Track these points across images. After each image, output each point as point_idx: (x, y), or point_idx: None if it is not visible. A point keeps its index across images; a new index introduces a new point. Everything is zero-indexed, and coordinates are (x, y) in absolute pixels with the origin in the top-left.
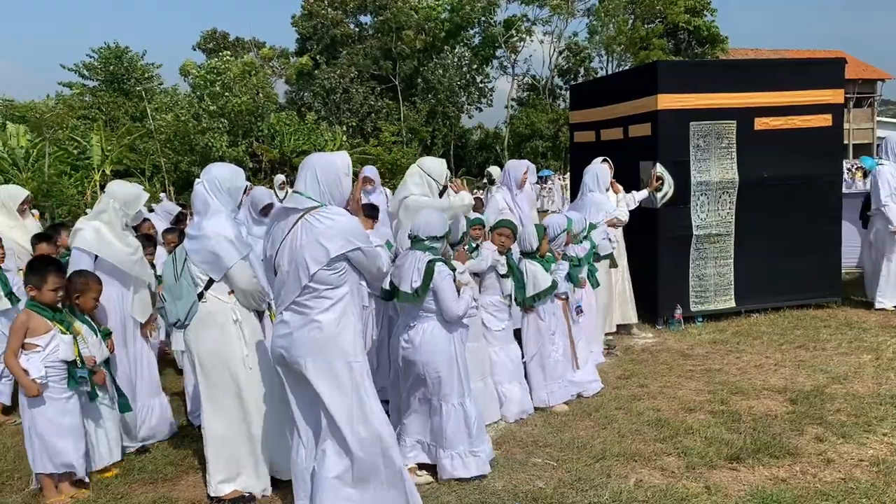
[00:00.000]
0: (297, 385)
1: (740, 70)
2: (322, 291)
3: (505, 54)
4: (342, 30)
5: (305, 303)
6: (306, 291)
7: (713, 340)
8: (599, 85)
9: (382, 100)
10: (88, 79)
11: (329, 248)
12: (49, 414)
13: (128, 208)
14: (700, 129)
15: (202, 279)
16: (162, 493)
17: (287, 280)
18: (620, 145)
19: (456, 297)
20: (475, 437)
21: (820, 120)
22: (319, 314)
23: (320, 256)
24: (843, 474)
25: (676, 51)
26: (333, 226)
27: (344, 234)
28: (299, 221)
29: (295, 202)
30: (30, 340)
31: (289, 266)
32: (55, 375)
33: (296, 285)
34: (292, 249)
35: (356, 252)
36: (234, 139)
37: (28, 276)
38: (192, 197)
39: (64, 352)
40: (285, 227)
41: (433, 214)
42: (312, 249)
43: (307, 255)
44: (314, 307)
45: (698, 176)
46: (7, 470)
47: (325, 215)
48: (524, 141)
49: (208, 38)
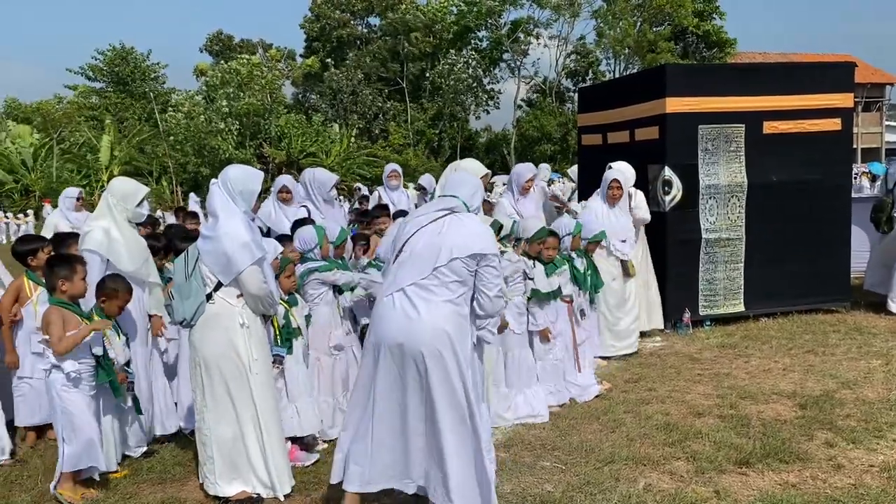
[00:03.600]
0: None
1: (749, 73)
2: (448, 283)
3: (512, 57)
4: (349, 31)
5: (430, 287)
6: (434, 275)
7: (722, 344)
8: (608, 88)
9: (390, 102)
10: (94, 80)
11: (473, 246)
12: (82, 411)
13: (126, 202)
14: (708, 132)
15: (212, 280)
16: (170, 493)
17: (414, 261)
18: (627, 149)
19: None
20: None
21: (829, 124)
22: (444, 302)
23: (465, 249)
24: (854, 480)
25: (684, 54)
26: (482, 231)
27: (488, 241)
28: (448, 217)
29: (445, 203)
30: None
31: (424, 249)
32: (86, 372)
33: (427, 265)
34: (433, 235)
35: (487, 262)
36: (242, 140)
37: (55, 271)
38: (207, 198)
39: (95, 345)
40: (428, 218)
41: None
42: (457, 240)
43: (450, 244)
44: (438, 294)
45: (707, 179)
46: (16, 469)
47: (473, 220)
48: (532, 144)
49: (214, 40)
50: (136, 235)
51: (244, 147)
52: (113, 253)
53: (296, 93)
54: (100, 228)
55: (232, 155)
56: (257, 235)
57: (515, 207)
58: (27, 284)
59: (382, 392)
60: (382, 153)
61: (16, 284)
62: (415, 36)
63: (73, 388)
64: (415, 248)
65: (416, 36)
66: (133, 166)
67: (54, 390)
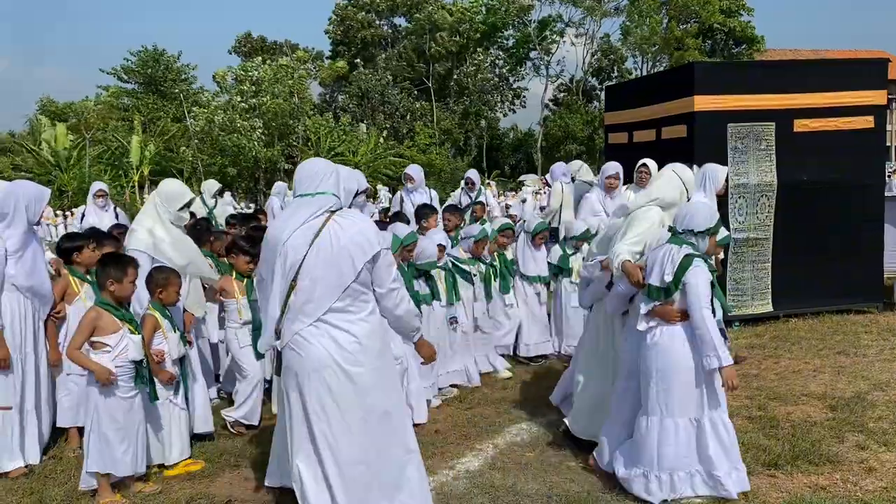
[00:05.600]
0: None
1: (779, 71)
2: (360, 294)
3: (539, 55)
4: (374, 31)
5: (348, 308)
6: (347, 293)
7: (750, 345)
8: (635, 86)
9: (418, 101)
10: (127, 82)
11: (370, 248)
12: (115, 413)
13: (168, 204)
14: (738, 130)
15: None
16: (199, 489)
17: (321, 288)
18: (654, 147)
19: (708, 301)
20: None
21: (861, 122)
22: (367, 316)
23: (365, 254)
24: (886, 483)
25: (712, 51)
26: (368, 226)
27: (377, 234)
28: (330, 221)
29: (318, 204)
30: (99, 339)
31: (326, 271)
32: (123, 375)
33: (336, 287)
34: (328, 251)
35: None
36: (270, 141)
37: (106, 270)
38: None
39: (133, 352)
40: (307, 233)
41: (699, 207)
42: (354, 247)
43: (350, 254)
44: (356, 312)
45: (736, 178)
46: (49, 464)
47: (354, 216)
48: (558, 143)
49: (243, 42)
50: (180, 233)
51: (272, 147)
52: (159, 251)
53: (323, 93)
54: (144, 228)
55: (259, 154)
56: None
57: (603, 204)
58: (73, 282)
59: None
60: (409, 153)
61: (63, 283)
62: (440, 35)
63: (108, 391)
64: (317, 273)
65: (441, 35)
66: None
67: (90, 390)
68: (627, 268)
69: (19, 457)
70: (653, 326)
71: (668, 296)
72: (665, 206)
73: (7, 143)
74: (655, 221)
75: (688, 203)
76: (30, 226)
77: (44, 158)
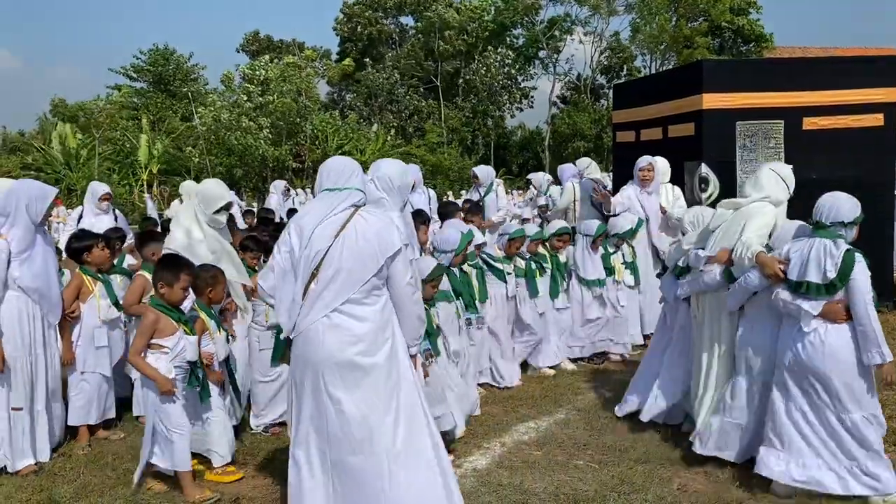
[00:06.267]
0: None
1: (788, 68)
2: (375, 288)
3: (547, 54)
4: (379, 28)
5: (363, 300)
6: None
7: None
8: (643, 84)
9: (426, 100)
10: (136, 80)
11: (392, 244)
12: (174, 413)
13: (205, 206)
14: (746, 128)
15: None
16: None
17: (343, 278)
18: (663, 145)
19: (871, 296)
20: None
21: (871, 119)
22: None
23: (387, 249)
24: None
25: (721, 49)
26: (389, 224)
27: (398, 232)
28: (355, 216)
29: (346, 198)
30: (157, 341)
31: (350, 262)
32: (180, 376)
33: (358, 278)
34: (353, 243)
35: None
36: (277, 139)
37: (159, 272)
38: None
39: (191, 353)
40: (333, 224)
41: (841, 198)
42: (377, 243)
43: (374, 248)
44: (371, 303)
45: (745, 177)
46: (59, 462)
47: (376, 214)
48: (565, 141)
49: (251, 41)
50: (217, 235)
51: (280, 146)
52: (194, 253)
53: (331, 92)
54: (182, 228)
55: (267, 153)
56: (411, 232)
57: (639, 198)
58: (87, 280)
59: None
60: (418, 152)
61: (76, 282)
62: (449, 34)
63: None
64: (341, 264)
65: (450, 34)
66: (170, 165)
67: (145, 391)
68: (763, 259)
69: (30, 455)
70: (816, 326)
71: (830, 292)
72: (776, 203)
73: (17, 142)
74: (771, 217)
75: (827, 195)
76: (34, 225)
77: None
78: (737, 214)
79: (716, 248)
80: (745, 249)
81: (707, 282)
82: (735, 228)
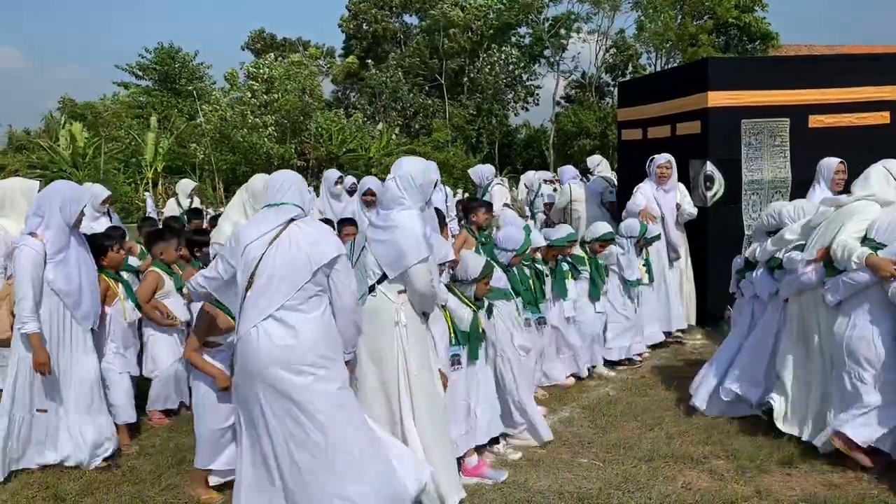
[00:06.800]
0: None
1: (794, 66)
2: (312, 296)
3: (552, 52)
4: (384, 25)
5: (299, 307)
6: (301, 292)
7: None
8: (648, 82)
9: (430, 98)
10: (142, 78)
11: (329, 252)
12: (223, 411)
13: (254, 201)
14: (752, 126)
15: (375, 273)
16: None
17: (276, 284)
18: (668, 143)
19: None
20: None
21: (877, 117)
22: (317, 317)
23: (323, 256)
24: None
25: (726, 47)
26: (327, 232)
27: (336, 241)
28: (291, 227)
29: (281, 213)
30: (214, 339)
31: (283, 268)
32: (221, 364)
33: (292, 284)
34: (287, 251)
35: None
36: (282, 137)
37: None
38: (381, 190)
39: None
40: (269, 236)
41: None
42: (314, 250)
43: (307, 255)
44: (308, 311)
45: (750, 175)
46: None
47: (314, 224)
48: (570, 139)
49: (256, 39)
50: None
51: (284, 144)
52: None
53: (335, 90)
54: (230, 222)
55: (272, 151)
56: (427, 232)
57: (655, 195)
58: (111, 283)
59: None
60: (423, 150)
61: (102, 286)
62: (454, 32)
63: (201, 381)
64: (273, 271)
65: (454, 32)
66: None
67: (196, 384)
68: (876, 262)
69: (51, 452)
70: None
71: None
72: (882, 203)
73: (23, 140)
74: (871, 216)
75: None
76: (68, 227)
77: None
78: (838, 213)
79: (815, 247)
80: (844, 251)
81: (805, 282)
82: (834, 227)
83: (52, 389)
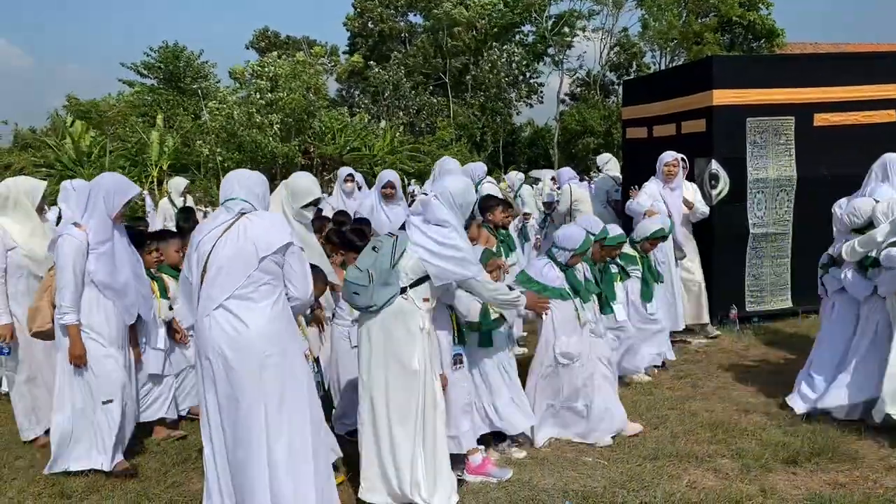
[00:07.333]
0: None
1: (799, 64)
2: (264, 285)
3: (556, 51)
4: (390, 25)
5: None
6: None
7: (769, 341)
8: (652, 80)
9: (434, 97)
10: (147, 77)
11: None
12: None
13: (293, 199)
14: (757, 125)
15: (409, 277)
16: None
17: (224, 274)
18: (673, 142)
19: None
20: None
21: (883, 115)
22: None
23: (270, 245)
24: None
25: (731, 45)
26: (278, 221)
27: (287, 229)
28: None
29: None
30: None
31: (230, 259)
32: None
33: (239, 274)
34: (234, 242)
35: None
36: (286, 136)
37: None
38: (423, 205)
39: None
40: (220, 229)
41: None
42: (260, 239)
43: (254, 244)
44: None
45: (755, 173)
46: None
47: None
48: (575, 137)
49: (260, 37)
50: (304, 230)
51: (289, 142)
52: None
53: (339, 89)
54: None
55: (276, 150)
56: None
57: (662, 193)
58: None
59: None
60: (427, 148)
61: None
62: (458, 30)
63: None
64: (220, 262)
65: (458, 30)
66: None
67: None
68: None
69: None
70: None
71: None
72: None
73: (29, 139)
74: None
75: None
76: (110, 219)
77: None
78: None
79: None
80: None
81: None
82: None
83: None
